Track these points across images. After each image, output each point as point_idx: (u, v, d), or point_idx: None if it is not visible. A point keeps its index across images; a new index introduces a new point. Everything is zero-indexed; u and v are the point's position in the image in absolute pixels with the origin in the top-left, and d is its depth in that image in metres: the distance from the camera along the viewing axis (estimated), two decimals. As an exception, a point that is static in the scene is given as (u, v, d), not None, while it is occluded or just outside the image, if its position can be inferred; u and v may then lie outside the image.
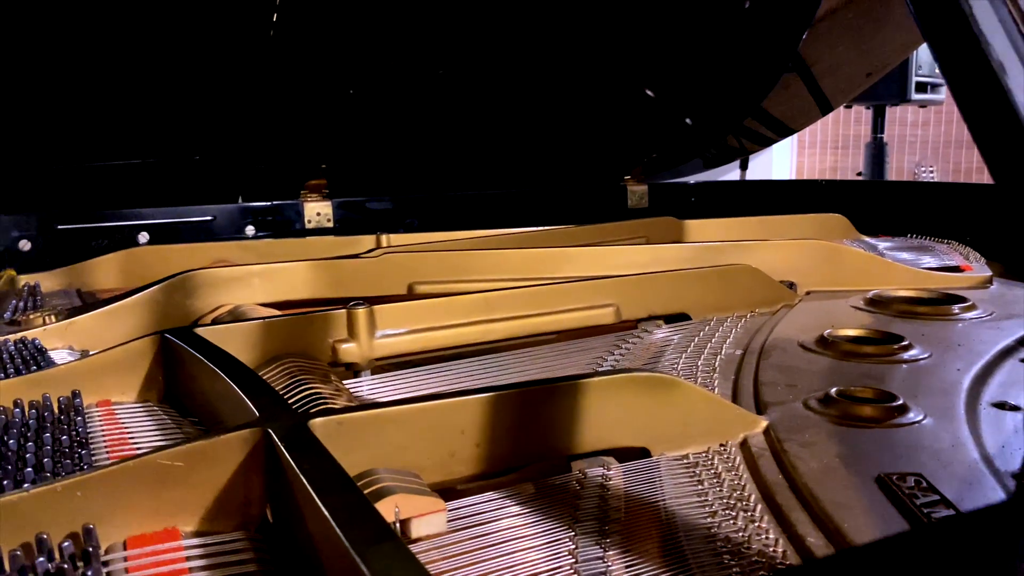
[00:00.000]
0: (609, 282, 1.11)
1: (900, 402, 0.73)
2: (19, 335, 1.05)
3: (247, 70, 1.60)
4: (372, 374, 0.95)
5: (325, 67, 1.67)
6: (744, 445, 0.69)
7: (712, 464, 0.65)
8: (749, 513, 0.57)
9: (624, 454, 0.69)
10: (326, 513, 0.42)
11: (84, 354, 1.06)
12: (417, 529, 0.54)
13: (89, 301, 1.43)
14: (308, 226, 1.80)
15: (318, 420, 0.57)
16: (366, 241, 1.66)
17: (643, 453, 0.68)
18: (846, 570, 0.40)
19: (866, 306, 1.17)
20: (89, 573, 0.45)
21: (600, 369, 0.92)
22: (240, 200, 1.75)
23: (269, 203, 1.76)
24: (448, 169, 1.95)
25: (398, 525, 0.53)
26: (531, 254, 1.30)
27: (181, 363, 0.81)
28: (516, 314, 1.03)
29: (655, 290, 1.13)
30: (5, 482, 0.59)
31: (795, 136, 4.85)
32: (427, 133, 1.85)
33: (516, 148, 2.01)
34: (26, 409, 0.75)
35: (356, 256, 1.32)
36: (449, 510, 0.56)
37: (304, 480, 0.46)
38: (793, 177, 4.92)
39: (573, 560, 0.52)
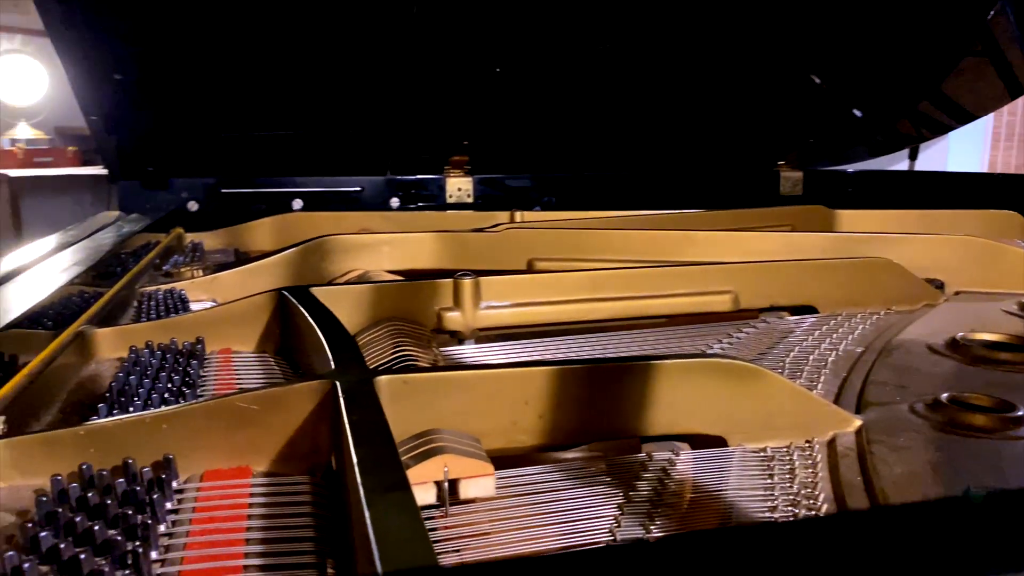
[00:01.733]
0: (727, 268, 1.07)
1: (1021, 413, 0.66)
2: (169, 286, 1.16)
3: (399, 50, 1.66)
4: (476, 343, 0.97)
5: (473, 45, 1.71)
6: (831, 444, 0.65)
7: (789, 460, 0.62)
8: (811, 512, 0.54)
9: (703, 442, 0.67)
10: (353, 459, 0.44)
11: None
12: (465, 490, 0.55)
13: (246, 260, 1.55)
14: (449, 200, 1.86)
15: (384, 377, 0.59)
16: (501, 217, 1.69)
17: (722, 443, 0.66)
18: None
19: (1020, 311, 1.06)
20: (155, 497, 0.50)
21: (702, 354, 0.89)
22: (388, 173, 1.83)
23: (414, 177, 1.83)
24: (593, 149, 1.93)
25: (446, 483, 0.54)
26: (654, 236, 1.27)
27: (292, 318, 0.87)
28: (624, 294, 1.01)
29: (778, 279, 1.08)
30: (115, 411, 0.65)
31: (988, 127, 4.43)
32: (574, 112, 1.84)
33: (665, 128, 1.97)
34: (154, 349, 0.83)
35: (481, 230, 1.35)
36: (503, 476, 0.57)
37: (347, 428, 0.49)
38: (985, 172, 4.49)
39: (612, 539, 0.51)
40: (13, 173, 2.99)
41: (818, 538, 0.36)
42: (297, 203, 1.77)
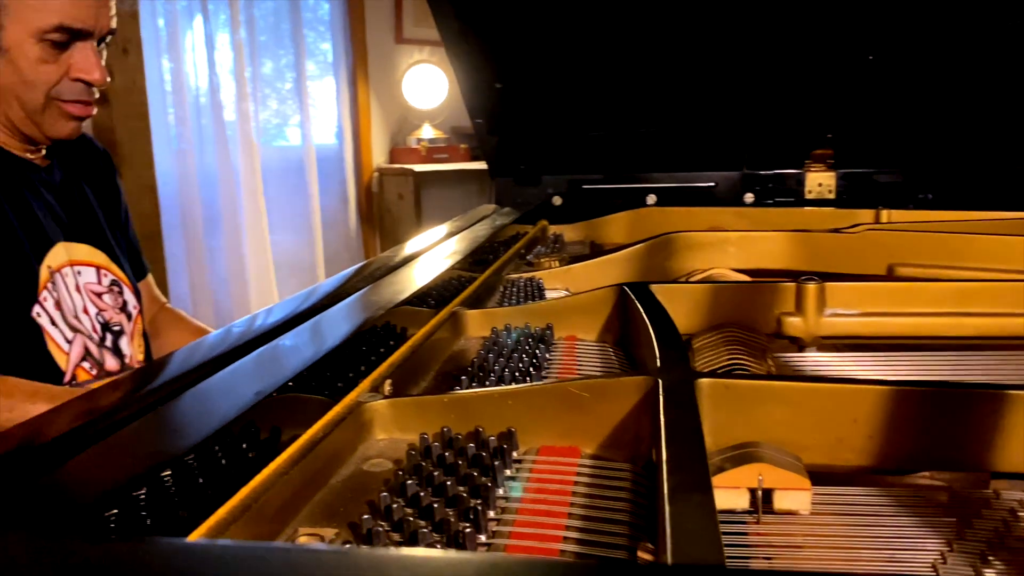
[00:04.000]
0: None
1: None
2: (529, 274, 1.29)
3: (759, 41, 1.63)
4: (818, 351, 0.94)
5: (841, 31, 1.61)
6: None
7: None
8: None
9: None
10: (663, 455, 0.47)
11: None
12: (780, 501, 0.55)
13: (599, 252, 1.65)
14: (808, 196, 1.78)
15: (705, 380, 0.61)
16: (863, 215, 1.58)
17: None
18: None
19: None
20: (495, 464, 0.57)
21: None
22: (744, 169, 1.81)
23: (770, 172, 1.79)
24: (977, 141, 1.72)
25: (760, 492, 0.55)
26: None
27: (630, 313, 0.92)
28: (994, 311, 0.91)
29: None
30: (474, 384, 0.76)
31: None
32: (954, 102, 1.66)
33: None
34: (510, 331, 0.94)
35: (836, 231, 1.28)
36: (823, 492, 0.56)
37: (663, 425, 0.52)
38: None
39: (934, 574, 0.48)
40: (417, 168, 3.47)
41: None
42: (651, 198, 1.83)
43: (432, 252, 1.36)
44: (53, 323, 1.21)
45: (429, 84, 3.75)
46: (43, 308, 1.20)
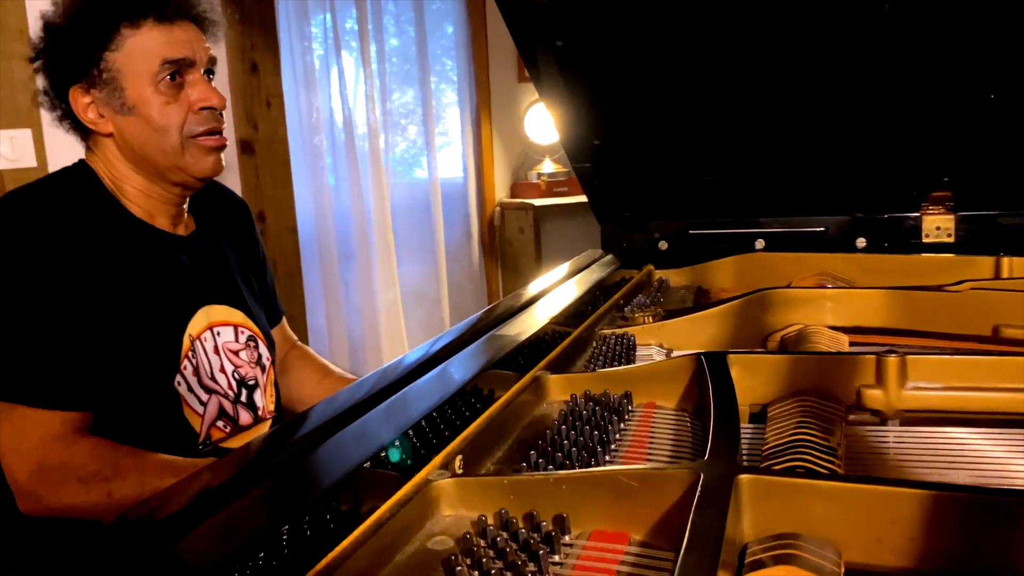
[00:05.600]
0: None
1: None
2: (622, 330, 1.32)
3: (870, 83, 1.60)
4: (901, 424, 0.93)
5: (959, 70, 1.56)
6: None
7: None
8: None
9: None
10: (678, 561, 0.50)
11: (669, 353, 1.28)
12: (810, 603, 0.57)
13: (704, 300, 1.66)
14: (925, 240, 1.72)
15: (746, 476, 0.63)
16: (983, 263, 1.52)
17: None
18: None
19: None
20: (540, 553, 0.62)
21: None
22: (856, 213, 1.77)
23: (883, 215, 1.74)
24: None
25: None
26: None
27: (703, 385, 0.94)
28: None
29: None
30: (540, 460, 0.81)
31: None
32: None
33: None
34: (588, 399, 0.98)
35: (939, 288, 1.25)
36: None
37: (688, 526, 0.55)
38: None
39: None
40: (537, 202, 3.56)
41: None
42: (759, 243, 1.81)
43: (533, 308, 1.42)
44: (190, 389, 1.31)
45: (549, 121, 3.84)
46: (183, 376, 1.31)
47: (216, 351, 1.39)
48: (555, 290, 1.59)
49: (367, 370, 2.92)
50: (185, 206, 1.42)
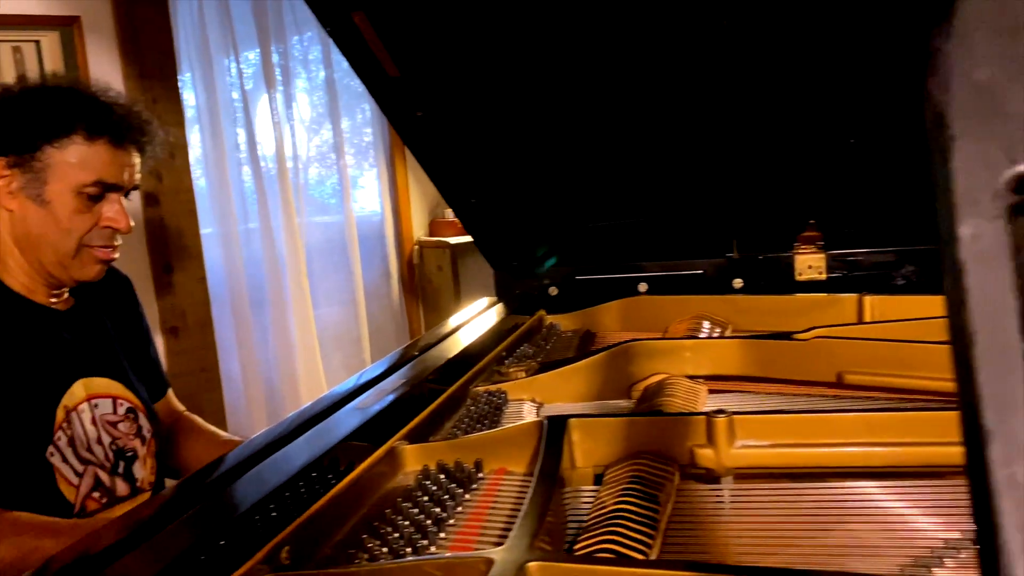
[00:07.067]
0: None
1: None
2: (496, 387, 1.35)
3: (745, 126, 1.67)
4: (735, 481, 0.97)
5: (822, 116, 1.64)
6: None
7: None
8: None
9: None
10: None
11: (540, 408, 1.31)
12: None
13: (591, 344, 1.69)
14: (799, 278, 1.79)
15: (536, 564, 0.66)
16: (847, 301, 1.59)
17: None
18: None
19: None
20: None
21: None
22: (732, 254, 1.83)
23: (759, 256, 1.81)
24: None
25: None
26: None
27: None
28: (903, 440, 0.92)
29: None
30: (374, 543, 0.82)
31: None
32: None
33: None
34: (441, 469, 1.00)
35: (787, 336, 1.30)
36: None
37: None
38: None
39: None
40: (454, 240, 3.59)
41: None
42: (642, 286, 1.87)
43: (410, 366, 1.44)
44: (64, 460, 1.32)
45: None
46: (56, 447, 1.31)
47: (94, 422, 1.39)
48: (440, 343, 1.62)
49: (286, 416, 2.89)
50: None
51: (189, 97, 3.19)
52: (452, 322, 1.80)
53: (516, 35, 1.36)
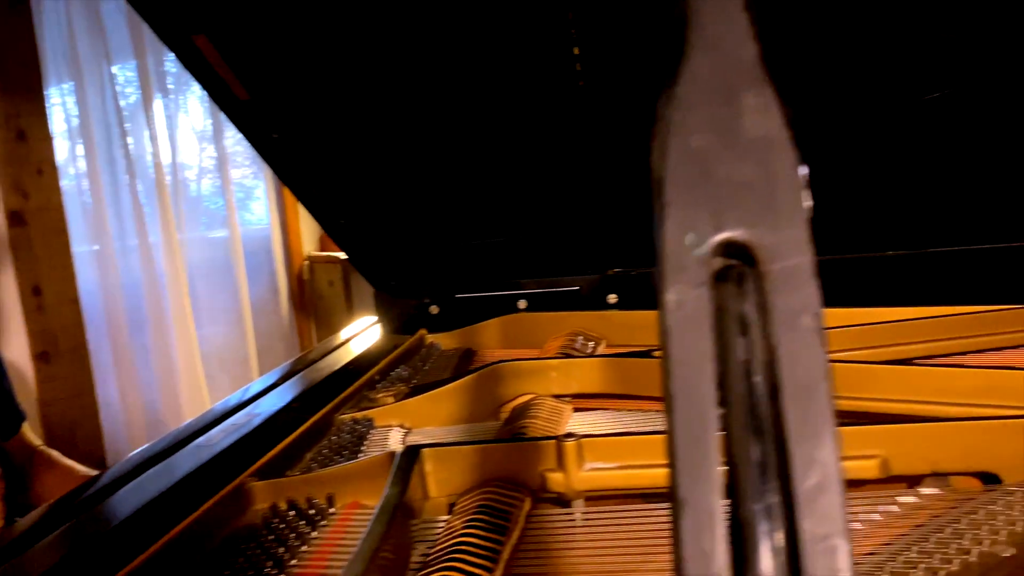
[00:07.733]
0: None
1: None
2: (363, 414, 1.32)
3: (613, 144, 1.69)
4: (586, 504, 0.98)
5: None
6: None
7: None
8: None
9: None
10: None
11: (407, 434, 1.29)
12: None
13: (470, 362, 1.69)
14: (670, 293, 1.83)
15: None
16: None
17: None
18: None
19: None
20: None
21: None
22: (608, 271, 1.86)
23: (631, 271, 1.84)
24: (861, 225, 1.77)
25: None
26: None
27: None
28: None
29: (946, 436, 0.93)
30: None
31: None
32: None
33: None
34: (290, 507, 0.97)
35: (647, 355, 1.33)
36: None
37: None
38: None
39: None
40: (344, 255, 3.53)
41: None
42: (522, 303, 1.88)
43: (273, 392, 1.41)
44: None
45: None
46: None
47: None
48: (313, 366, 1.58)
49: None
50: None
51: (62, 111, 3.05)
52: (332, 343, 1.77)
53: (367, 56, 1.34)
